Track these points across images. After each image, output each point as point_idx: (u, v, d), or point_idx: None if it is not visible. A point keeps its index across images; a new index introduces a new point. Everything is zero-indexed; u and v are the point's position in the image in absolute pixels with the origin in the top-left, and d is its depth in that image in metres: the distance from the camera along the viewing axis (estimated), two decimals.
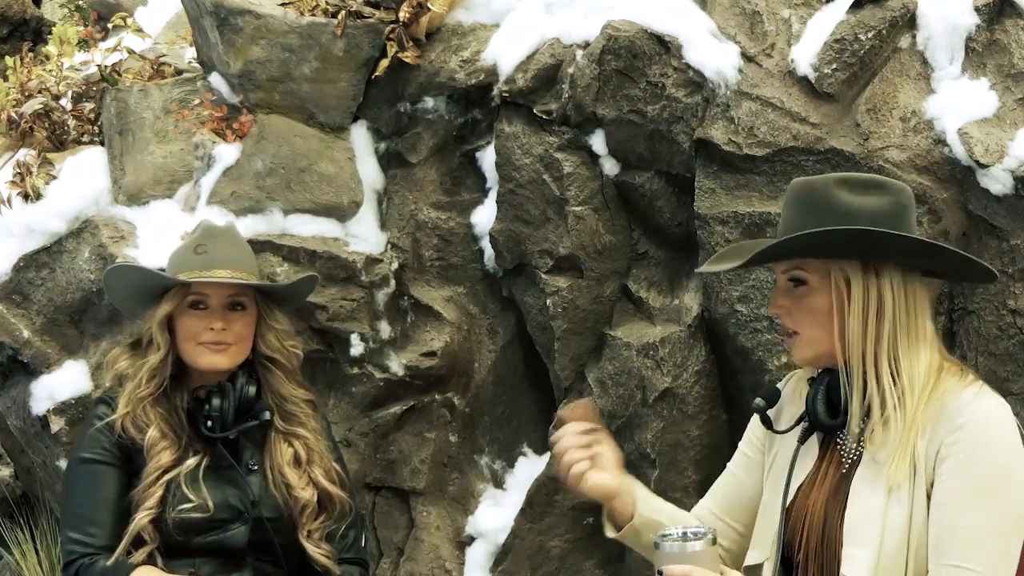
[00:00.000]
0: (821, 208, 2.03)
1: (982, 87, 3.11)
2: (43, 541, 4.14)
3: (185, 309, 2.70)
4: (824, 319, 2.04)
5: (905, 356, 2.01)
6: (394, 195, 3.83)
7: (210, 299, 2.72)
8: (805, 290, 2.07)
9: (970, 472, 1.93)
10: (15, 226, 3.96)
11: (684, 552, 1.91)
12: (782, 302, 2.09)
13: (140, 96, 3.99)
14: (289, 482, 2.71)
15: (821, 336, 2.05)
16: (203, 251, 2.72)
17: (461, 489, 3.80)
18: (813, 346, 2.07)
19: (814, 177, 2.13)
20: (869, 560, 1.96)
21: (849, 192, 2.03)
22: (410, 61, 3.73)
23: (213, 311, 2.71)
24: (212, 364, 2.70)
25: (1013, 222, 3.03)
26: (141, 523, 2.59)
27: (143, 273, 2.82)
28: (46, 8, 7.02)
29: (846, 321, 2.02)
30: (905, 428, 1.97)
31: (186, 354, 2.71)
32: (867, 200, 2.02)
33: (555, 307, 3.52)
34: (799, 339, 2.08)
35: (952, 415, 1.97)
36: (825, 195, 2.03)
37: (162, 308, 2.69)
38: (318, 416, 2.86)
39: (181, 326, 2.71)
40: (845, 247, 2.01)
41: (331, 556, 2.74)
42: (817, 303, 2.05)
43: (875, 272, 2.01)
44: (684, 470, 3.41)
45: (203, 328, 2.69)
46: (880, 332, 2.01)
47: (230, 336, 2.70)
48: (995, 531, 1.92)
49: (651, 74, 3.35)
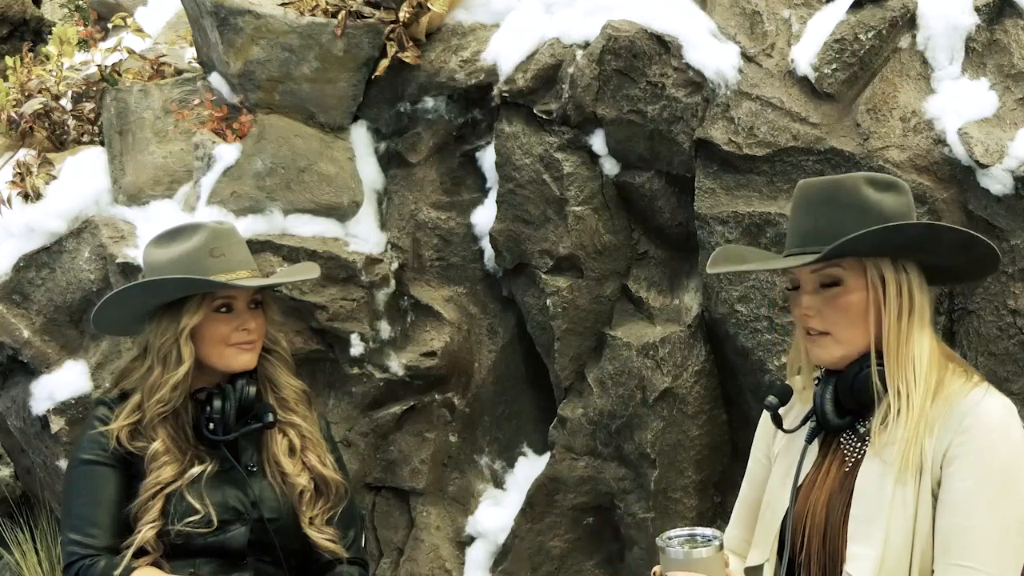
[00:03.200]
0: (856, 207, 2.04)
1: (982, 87, 3.11)
2: (43, 541, 4.15)
3: (210, 315, 2.69)
4: (858, 318, 2.05)
5: (919, 351, 2.03)
6: (394, 195, 3.83)
7: (236, 302, 2.71)
8: (839, 290, 2.07)
9: (978, 473, 1.94)
10: (15, 226, 3.96)
11: (689, 558, 1.89)
12: (812, 303, 2.09)
13: (140, 96, 3.99)
14: (284, 470, 2.71)
15: (853, 336, 2.06)
16: (220, 254, 2.70)
17: (461, 489, 3.80)
18: (844, 346, 2.07)
19: (835, 177, 2.14)
20: (874, 559, 1.96)
21: (876, 191, 2.06)
22: (410, 61, 3.73)
23: (239, 313, 2.71)
24: (244, 364, 2.71)
25: (1013, 222, 3.02)
26: (146, 537, 2.58)
27: (182, 283, 2.66)
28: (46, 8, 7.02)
29: (883, 317, 2.03)
30: (913, 426, 1.98)
31: (213, 358, 2.70)
32: (890, 199, 2.06)
33: (555, 307, 3.52)
34: (828, 340, 2.08)
35: (960, 416, 1.97)
36: (857, 194, 2.05)
37: (190, 318, 2.65)
38: (312, 407, 2.87)
39: (208, 331, 2.68)
40: (895, 245, 2.03)
41: (336, 539, 2.74)
42: (852, 302, 2.06)
43: (904, 270, 2.04)
44: (684, 470, 3.41)
45: (232, 330, 2.69)
46: (911, 325, 2.03)
47: (255, 334, 2.73)
48: (1003, 531, 1.92)
49: (651, 74, 3.35)
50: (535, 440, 3.77)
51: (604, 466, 3.53)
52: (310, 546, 2.73)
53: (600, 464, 3.53)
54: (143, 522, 2.59)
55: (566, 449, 3.57)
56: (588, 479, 3.56)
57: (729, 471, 3.41)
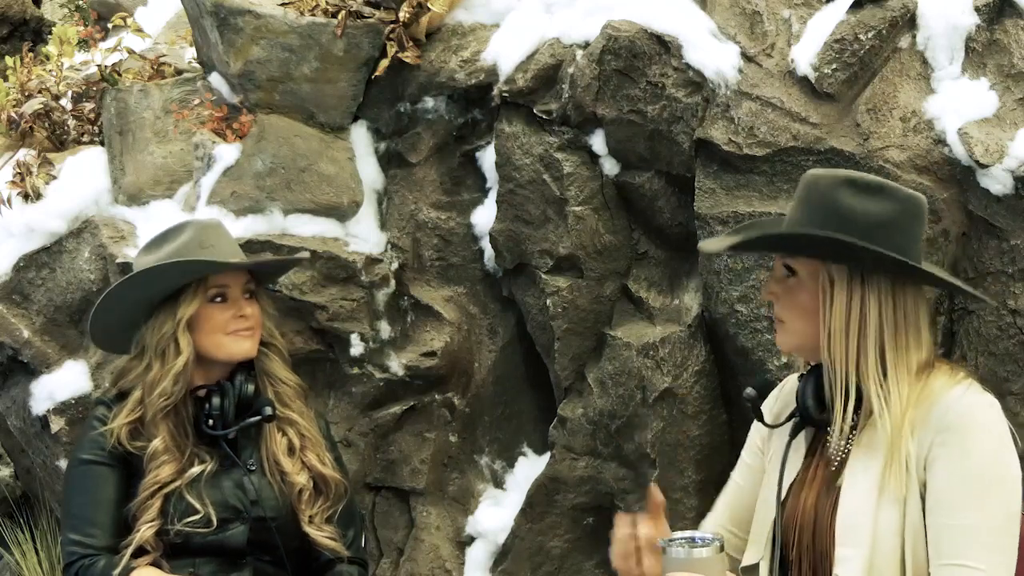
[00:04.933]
0: (821, 207, 2.03)
1: (982, 87, 3.11)
2: (43, 541, 4.15)
3: (206, 304, 2.70)
4: (808, 313, 2.05)
5: (892, 360, 2.00)
6: (394, 195, 3.83)
7: (230, 290, 2.73)
8: (794, 282, 2.08)
9: (961, 470, 1.93)
10: (15, 226, 3.96)
11: (691, 559, 1.89)
12: (774, 288, 2.11)
13: (140, 96, 3.99)
14: (284, 469, 2.72)
15: (804, 329, 2.06)
16: (209, 244, 2.73)
17: (461, 489, 3.80)
18: (796, 337, 2.09)
19: (826, 172, 2.12)
20: (862, 560, 1.95)
21: (853, 194, 2.01)
22: (410, 61, 3.73)
23: (234, 301, 2.73)
24: (244, 351, 2.72)
25: (1013, 222, 3.03)
26: (145, 536, 2.59)
27: (180, 267, 2.67)
28: (46, 8, 7.02)
29: (828, 320, 2.02)
30: (894, 430, 1.97)
31: (211, 348, 2.71)
32: (869, 204, 2.01)
33: (555, 307, 3.52)
34: (784, 327, 2.10)
35: (940, 414, 1.97)
36: (828, 194, 2.03)
37: (186, 308, 2.68)
38: (308, 403, 2.87)
39: (204, 321, 2.70)
40: (828, 254, 2.01)
41: (336, 537, 2.74)
42: (803, 297, 2.06)
43: (861, 278, 2.01)
44: (684, 470, 3.41)
45: (229, 317, 2.71)
46: (864, 335, 2.00)
47: (253, 320, 2.74)
48: (990, 527, 1.92)
49: (651, 74, 3.35)
50: (535, 440, 3.77)
51: (604, 466, 3.53)
52: (310, 545, 2.74)
53: (600, 464, 3.53)
54: (142, 521, 2.60)
55: (566, 449, 3.57)
56: (588, 479, 3.56)
57: (729, 471, 3.38)
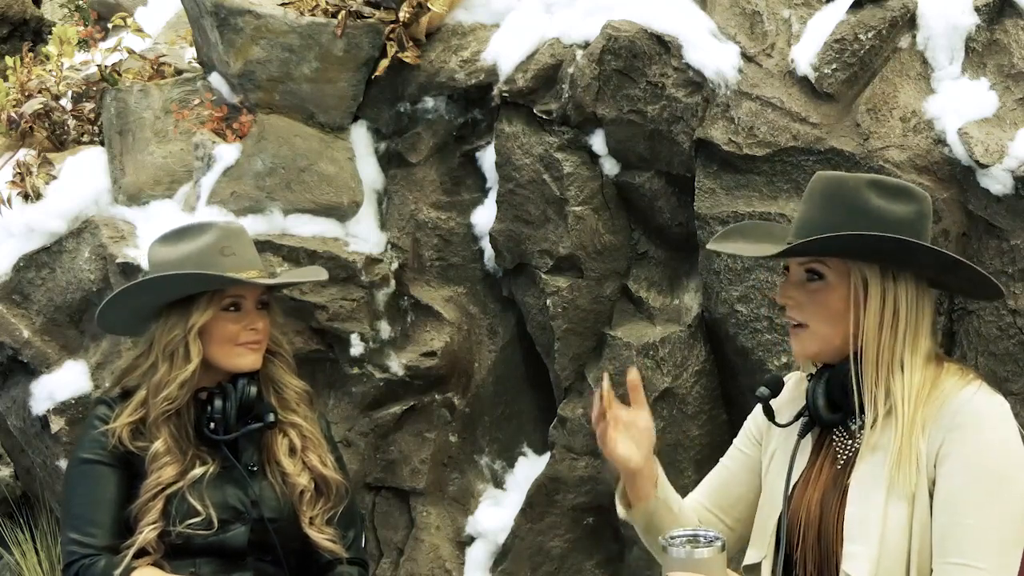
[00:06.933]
0: (850, 208, 2.03)
1: (982, 87, 3.11)
2: (43, 541, 4.15)
3: (219, 313, 2.69)
4: (836, 316, 2.05)
5: (909, 359, 2.02)
6: (394, 195, 3.83)
7: (245, 301, 2.70)
8: (821, 285, 2.06)
9: (970, 470, 1.94)
10: (15, 226, 3.96)
11: (692, 558, 1.89)
12: (794, 293, 2.09)
13: (140, 96, 3.99)
14: (285, 470, 2.71)
15: (829, 332, 2.06)
16: (231, 252, 2.70)
17: (461, 489, 3.80)
18: (820, 341, 2.07)
19: (844, 174, 2.13)
20: (870, 557, 1.96)
21: (879, 196, 2.03)
22: (410, 61, 3.73)
23: (247, 312, 2.71)
24: (250, 364, 2.70)
25: (1013, 222, 3.03)
26: (148, 538, 2.58)
27: (200, 279, 2.65)
28: (46, 8, 7.03)
29: (861, 321, 2.02)
30: (906, 427, 1.98)
31: (219, 357, 2.69)
32: (894, 207, 2.03)
33: (555, 307, 3.52)
34: (806, 332, 2.08)
35: (951, 413, 1.97)
36: (856, 196, 2.04)
37: (199, 316, 2.65)
38: (313, 407, 2.87)
39: (216, 330, 2.68)
40: (873, 252, 2.01)
41: (336, 539, 2.74)
42: (832, 300, 2.05)
43: (893, 277, 2.03)
44: (684, 470, 3.41)
45: (241, 329, 2.69)
46: (895, 334, 2.02)
47: (262, 334, 2.73)
48: (997, 527, 1.92)
49: (651, 74, 3.35)
50: (535, 440, 3.77)
51: (604, 466, 3.53)
52: (310, 546, 2.73)
53: (600, 464, 3.53)
54: (144, 523, 2.59)
55: (566, 449, 3.57)
56: (588, 479, 3.56)
57: None
